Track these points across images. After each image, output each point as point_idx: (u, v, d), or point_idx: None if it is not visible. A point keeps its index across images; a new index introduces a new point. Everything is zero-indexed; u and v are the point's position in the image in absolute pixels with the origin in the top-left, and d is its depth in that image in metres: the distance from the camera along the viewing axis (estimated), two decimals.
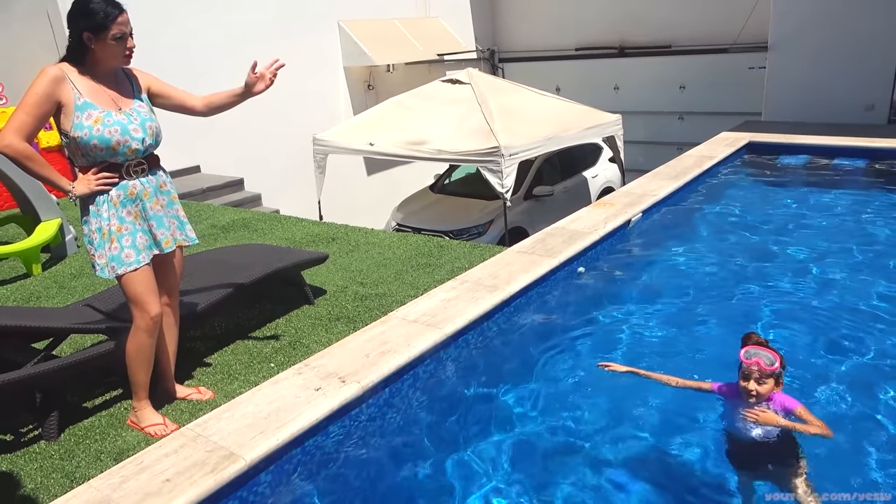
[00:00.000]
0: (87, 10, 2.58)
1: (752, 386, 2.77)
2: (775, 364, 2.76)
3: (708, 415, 3.13)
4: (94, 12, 2.58)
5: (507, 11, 14.38)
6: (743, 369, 2.80)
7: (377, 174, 11.85)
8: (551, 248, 4.85)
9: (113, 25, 2.62)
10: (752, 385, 2.77)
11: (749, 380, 2.78)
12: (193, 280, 3.67)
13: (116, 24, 2.63)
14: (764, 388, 2.77)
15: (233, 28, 9.52)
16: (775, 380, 2.80)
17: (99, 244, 2.77)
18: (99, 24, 2.59)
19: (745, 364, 2.78)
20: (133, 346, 2.88)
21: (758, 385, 2.77)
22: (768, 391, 2.79)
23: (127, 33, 2.68)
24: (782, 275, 4.84)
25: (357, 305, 4.16)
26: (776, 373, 2.78)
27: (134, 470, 2.61)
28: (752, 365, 2.76)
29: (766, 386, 2.78)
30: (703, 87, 12.07)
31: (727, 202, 6.68)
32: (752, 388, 2.77)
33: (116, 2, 2.65)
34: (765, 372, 2.75)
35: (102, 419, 3.07)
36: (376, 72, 11.71)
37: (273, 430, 2.82)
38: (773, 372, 2.76)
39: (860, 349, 3.77)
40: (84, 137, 2.63)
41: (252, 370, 3.45)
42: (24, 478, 2.68)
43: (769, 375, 2.76)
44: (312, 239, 5.64)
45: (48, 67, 2.61)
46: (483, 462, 2.97)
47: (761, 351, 2.80)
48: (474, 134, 7.94)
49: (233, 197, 8.38)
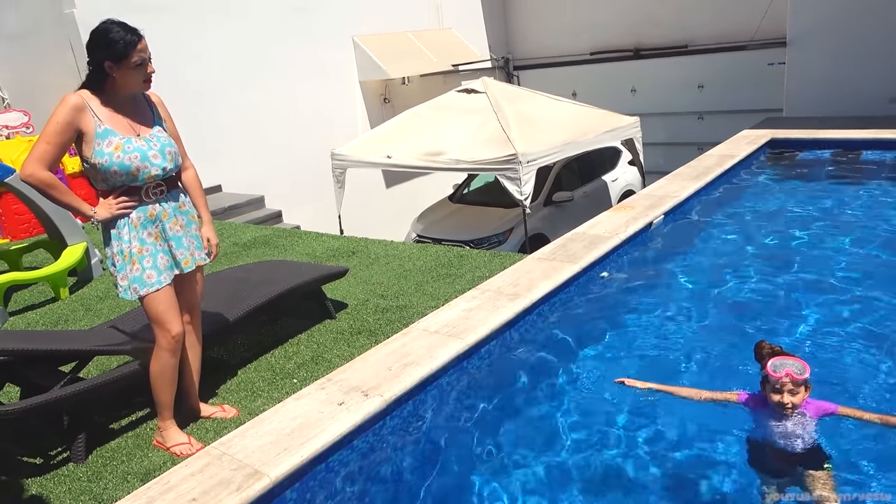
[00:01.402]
0: (107, 39, 2.63)
1: (787, 399, 2.67)
2: (805, 372, 2.67)
3: (731, 424, 3.04)
4: (115, 41, 2.63)
5: (521, 18, 14.39)
6: (772, 383, 2.70)
7: (396, 186, 11.90)
8: (572, 254, 4.81)
9: (133, 53, 2.66)
10: (787, 398, 2.67)
11: (782, 393, 2.68)
12: (215, 298, 3.69)
13: (136, 52, 2.67)
14: (798, 397, 2.69)
15: (251, 44, 9.66)
16: (805, 386, 2.72)
17: (121, 266, 2.80)
18: (120, 53, 2.64)
19: (775, 378, 2.68)
20: (157, 366, 2.90)
21: (792, 397, 2.68)
22: (802, 400, 2.71)
23: (146, 59, 2.73)
24: (813, 274, 4.71)
25: (378, 318, 4.16)
26: (808, 379, 2.70)
27: (160, 490, 2.61)
28: (782, 377, 2.66)
29: (799, 395, 2.70)
30: (721, 86, 11.94)
31: (751, 200, 6.55)
32: (787, 401, 2.68)
33: (135, 29, 2.69)
34: (797, 381, 2.67)
35: (129, 440, 3.09)
36: (392, 85, 11.79)
37: (297, 447, 2.81)
38: (804, 380, 2.68)
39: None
40: (105, 164, 2.66)
41: (275, 386, 3.45)
42: (53, 500, 2.70)
43: (801, 384, 2.68)
44: (333, 253, 5.66)
45: (69, 96, 2.66)
46: (507, 475, 2.93)
47: (787, 360, 2.71)
48: (491, 142, 7.94)
49: (254, 214, 8.46)
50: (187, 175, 3.05)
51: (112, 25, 2.64)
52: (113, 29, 2.63)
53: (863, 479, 2.65)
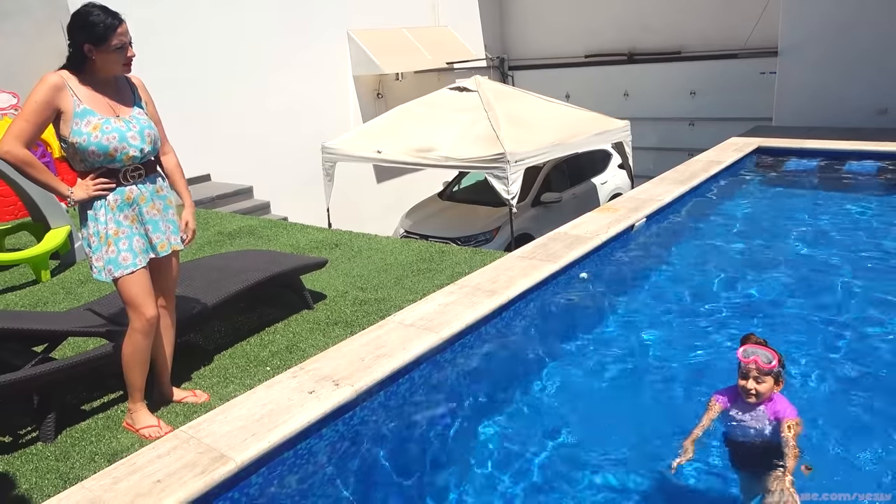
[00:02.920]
0: (87, 22, 2.64)
1: (750, 385, 2.79)
2: (773, 362, 2.76)
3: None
4: (95, 24, 2.64)
5: (517, 19, 14.43)
6: (741, 368, 2.82)
7: (387, 182, 11.92)
8: (552, 253, 4.85)
9: (113, 36, 2.67)
10: (751, 384, 2.79)
11: (748, 378, 2.80)
12: (192, 284, 3.71)
13: (116, 35, 2.68)
14: (763, 386, 2.78)
15: (245, 35, 9.65)
16: (774, 379, 2.80)
17: (96, 247, 2.82)
18: (99, 36, 2.65)
19: (744, 363, 2.80)
20: (129, 348, 2.91)
21: (756, 384, 2.78)
22: (768, 390, 2.79)
23: (126, 43, 2.74)
24: (790, 280, 4.77)
25: (356, 310, 4.18)
26: (774, 371, 2.78)
27: (126, 471, 2.63)
28: (749, 363, 2.78)
29: (764, 385, 2.78)
30: (713, 93, 12.02)
31: (734, 207, 6.62)
32: (750, 386, 2.79)
33: (115, 13, 2.70)
34: (763, 370, 2.77)
35: (99, 421, 3.10)
36: (385, 80, 11.80)
37: (264, 433, 2.83)
38: (770, 370, 2.77)
39: (868, 353, 3.72)
40: (82, 143, 2.68)
41: (248, 374, 3.47)
42: (19, 478, 2.71)
43: (767, 373, 2.77)
44: (316, 245, 5.68)
45: (48, 75, 2.67)
46: (475, 465, 2.96)
47: (759, 349, 2.81)
48: (480, 141, 7.97)
49: (242, 205, 8.47)
50: (168, 160, 3.06)
51: (93, 8, 2.65)
52: (94, 12, 2.64)
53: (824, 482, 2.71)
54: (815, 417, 3.07)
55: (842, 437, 3.00)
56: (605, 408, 3.43)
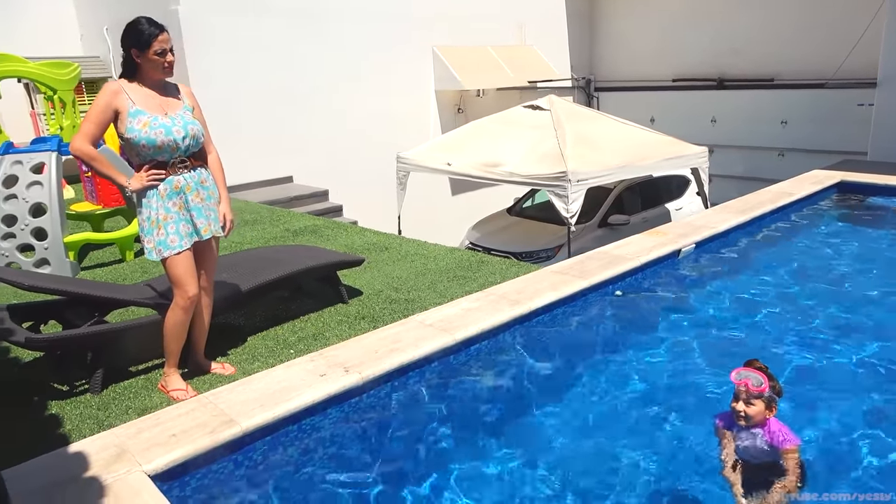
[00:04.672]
0: (134, 30, 3.12)
1: (740, 406, 2.84)
2: (762, 385, 2.79)
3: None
4: (141, 32, 3.11)
5: (606, 41, 14.42)
6: (735, 391, 2.86)
7: (461, 194, 12.22)
8: (586, 270, 4.92)
9: (154, 42, 3.12)
10: (741, 406, 2.83)
11: (738, 400, 2.84)
12: (237, 271, 4.12)
13: (158, 42, 3.13)
14: (752, 409, 2.81)
15: (336, 51, 10.30)
16: (766, 404, 2.81)
17: (148, 231, 3.25)
18: (143, 42, 3.11)
19: (735, 384, 2.85)
20: (170, 320, 3.33)
21: (746, 406, 2.81)
22: (757, 413, 2.82)
23: (167, 49, 3.18)
24: (832, 331, 4.36)
25: (384, 308, 4.46)
26: (764, 395, 2.80)
27: (150, 424, 3.01)
28: (740, 385, 2.83)
29: (754, 408, 2.81)
30: (805, 123, 11.51)
31: (796, 243, 6.32)
32: (739, 408, 2.84)
33: (159, 24, 3.17)
34: (752, 393, 2.81)
35: (139, 381, 3.54)
36: (466, 96, 12.14)
37: (272, 405, 3.14)
38: (760, 393, 2.80)
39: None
40: (135, 139, 3.12)
41: (274, 354, 3.82)
42: (65, 420, 3.16)
43: (757, 397, 2.80)
44: (368, 247, 6.03)
45: (109, 83, 3.16)
46: (468, 461, 3.10)
47: (752, 373, 2.85)
48: (546, 158, 8.10)
49: (316, 206, 9.01)
50: (210, 158, 3.47)
51: (141, 20, 3.13)
52: (141, 22, 3.12)
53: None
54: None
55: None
56: (607, 427, 3.43)
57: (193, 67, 8.89)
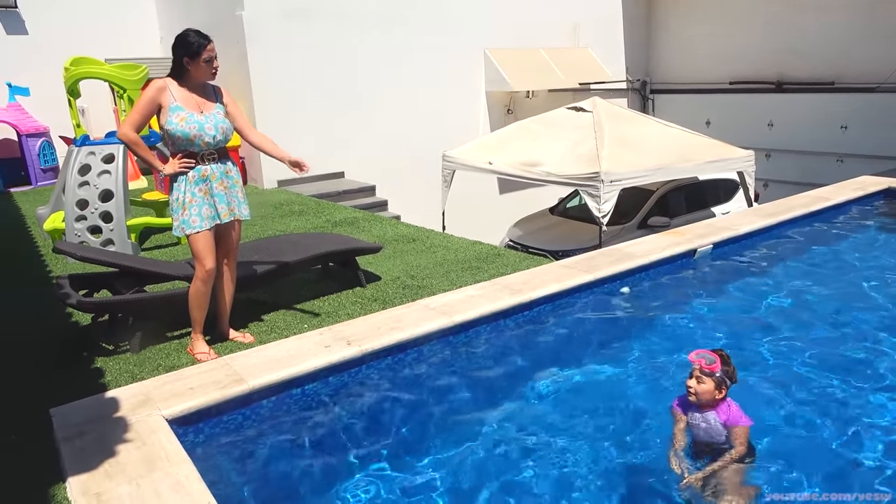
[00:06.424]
0: (186, 41, 3.59)
1: (691, 382, 3.03)
2: (714, 364, 2.97)
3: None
4: (191, 43, 3.58)
5: (662, 42, 14.31)
6: (691, 370, 3.06)
7: (508, 194, 12.47)
8: (594, 266, 5.14)
9: (203, 52, 3.59)
10: (692, 382, 3.03)
11: (691, 377, 3.04)
12: (265, 253, 4.60)
13: (206, 51, 3.60)
14: (702, 387, 3.00)
15: (389, 53, 10.75)
16: (716, 384, 2.99)
17: (176, 210, 3.75)
18: (194, 52, 3.58)
19: (691, 361, 3.04)
20: (193, 290, 3.82)
21: (697, 384, 3.01)
22: (706, 392, 3.00)
23: (213, 57, 3.65)
24: (844, 350, 4.19)
25: (397, 292, 4.84)
26: (715, 374, 2.98)
27: (173, 378, 3.50)
28: (694, 362, 3.03)
29: (704, 386, 3.00)
30: (867, 129, 11.13)
31: (825, 250, 6.18)
32: (691, 385, 3.03)
33: (206, 35, 3.63)
34: (704, 371, 2.99)
35: (172, 344, 4.05)
36: (517, 97, 12.38)
37: (278, 369, 3.57)
38: (711, 372, 2.98)
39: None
40: (172, 131, 3.62)
41: (290, 327, 4.26)
42: (105, 373, 3.70)
43: (708, 375, 2.99)
44: (398, 238, 6.43)
45: (156, 80, 3.66)
46: (454, 440, 3.35)
47: (707, 353, 3.03)
48: (583, 159, 8.27)
49: (363, 200, 9.49)
50: (255, 135, 3.87)
51: (191, 31, 3.60)
52: (191, 34, 3.58)
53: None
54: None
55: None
56: (593, 414, 3.58)
57: (254, 67, 9.55)
